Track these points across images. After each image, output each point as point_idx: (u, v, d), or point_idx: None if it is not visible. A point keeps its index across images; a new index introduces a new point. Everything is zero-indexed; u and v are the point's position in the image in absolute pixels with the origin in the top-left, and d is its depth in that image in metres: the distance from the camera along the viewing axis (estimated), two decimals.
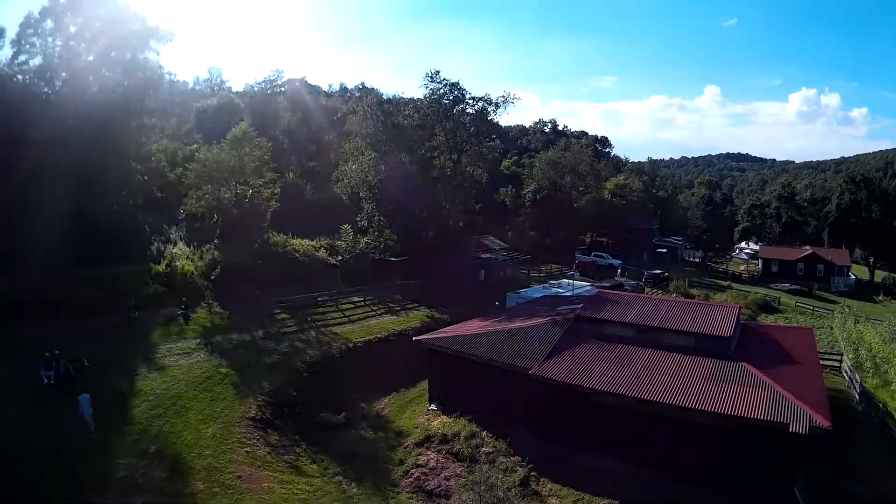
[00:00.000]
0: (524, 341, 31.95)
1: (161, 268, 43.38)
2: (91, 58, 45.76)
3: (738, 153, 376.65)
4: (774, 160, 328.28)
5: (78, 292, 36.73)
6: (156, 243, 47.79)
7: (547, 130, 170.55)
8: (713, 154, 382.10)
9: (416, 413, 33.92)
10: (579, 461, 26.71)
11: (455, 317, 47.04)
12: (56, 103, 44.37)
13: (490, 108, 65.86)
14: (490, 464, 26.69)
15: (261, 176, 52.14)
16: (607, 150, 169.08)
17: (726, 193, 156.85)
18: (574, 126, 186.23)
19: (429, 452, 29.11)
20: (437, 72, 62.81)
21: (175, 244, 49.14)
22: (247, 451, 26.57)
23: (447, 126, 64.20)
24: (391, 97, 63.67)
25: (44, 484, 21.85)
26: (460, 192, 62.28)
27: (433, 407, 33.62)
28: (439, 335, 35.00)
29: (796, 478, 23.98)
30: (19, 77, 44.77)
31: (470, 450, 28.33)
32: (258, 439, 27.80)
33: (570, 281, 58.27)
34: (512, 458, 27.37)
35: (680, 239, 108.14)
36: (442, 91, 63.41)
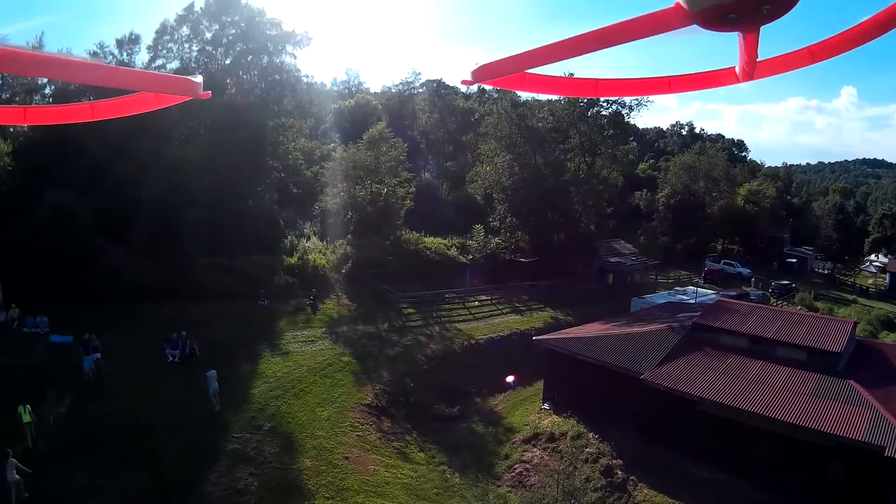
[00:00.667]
0: (640, 346, 30.73)
1: (293, 260, 44.40)
2: (228, 62, 48.07)
3: (874, 159, 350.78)
4: None
5: (213, 279, 38.39)
6: (290, 237, 49.22)
7: (684, 133, 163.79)
8: (849, 160, 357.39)
9: (529, 411, 32.94)
10: (680, 469, 25.66)
11: (579, 319, 45.73)
12: (194, 104, 46.03)
13: (624, 111, 64.07)
14: (592, 465, 25.58)
15: (396, 175, 52.87)
16: (743, 153, 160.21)
17: (860, 202, 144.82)
18: (711, 129, 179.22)
19: (534, 449, 28.23)
20: (572, 74, 61.14)
21: (308, 238, 50.40)
22: (358, 435, 26.51)
23: (581, 128, 62.92)
24: (526, 100, 62.66)
25: (163, 450, 22.57)
26: (593, 195, 60.57)
27: (546, 406, 32.59)
28: (558, 336, 34.08)
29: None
30: None
31: (574, 449, 27.34)
32: (371, 425, 27.73)
33: (695, 288, 55.35)
34: (614, 461, 26.26)
35: (810, 249, 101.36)
36: None
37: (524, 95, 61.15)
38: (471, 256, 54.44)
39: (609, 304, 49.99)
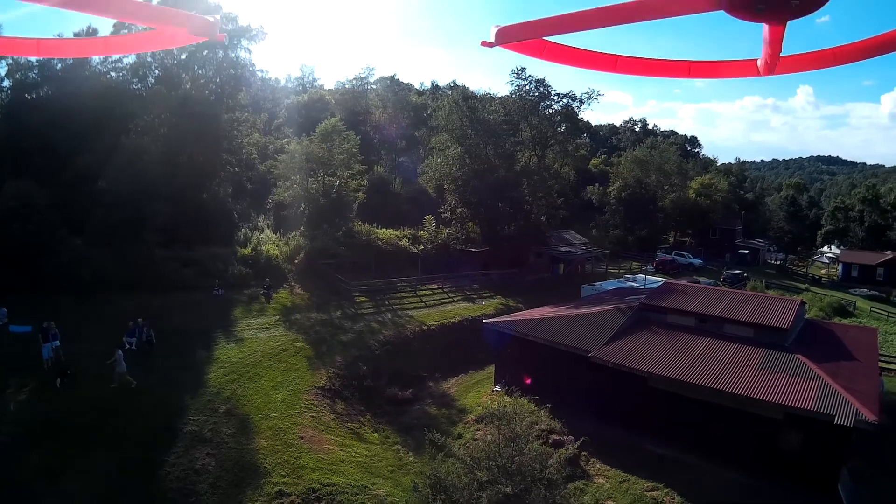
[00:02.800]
0: (588, 327, 31.78)
1: (247, 251, 45.05)
2: (184, 56, 48.49)
3: (829, 156, 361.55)
4: (865, 164, 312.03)
5: (172, 271, 39.17)
6: (244, 229, 49.75)
7: (637, 129, 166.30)
8: (804, 157, 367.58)
9: (481, 394, 34.06)
10: (633, 445, 26.39)
11: (530, 306, 46.49)
12: (149, 98, 47.62)
13: (574, 105, 65.70)
14: (542, 440, 26.67)
15: (349, 168, 53.66)
16: (696, 150, 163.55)
17: (813, 197, 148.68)
18: (667, 126, 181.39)
19: (486, 428, 29.19)
20: (523, 69, 63.07)
21: (262, 231, 50.96)
22: (312, 416, 27.36)
23: (532, 122, 64.31)
24: (476, 93, 64.10)
25: (122, 433, 23.31)
26: (543, 187, 62.08)
27: (498, 388, 33.68)
28: (507, 319, 35.33)
29: (841, 472, 23.20)
30: (112, 74, 48.62)
31: (525, 427, 28.28)
32: (325, 407, 28.61)
33: (644, 276, 57.31)
34: (566, 437, 27.16)
35: (762, 241, 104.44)
36: (528, 87, 63.68)
37: (478, 88, 62.28)
38: (422, 247, 55.60)
39: (560, 292, 51.23)
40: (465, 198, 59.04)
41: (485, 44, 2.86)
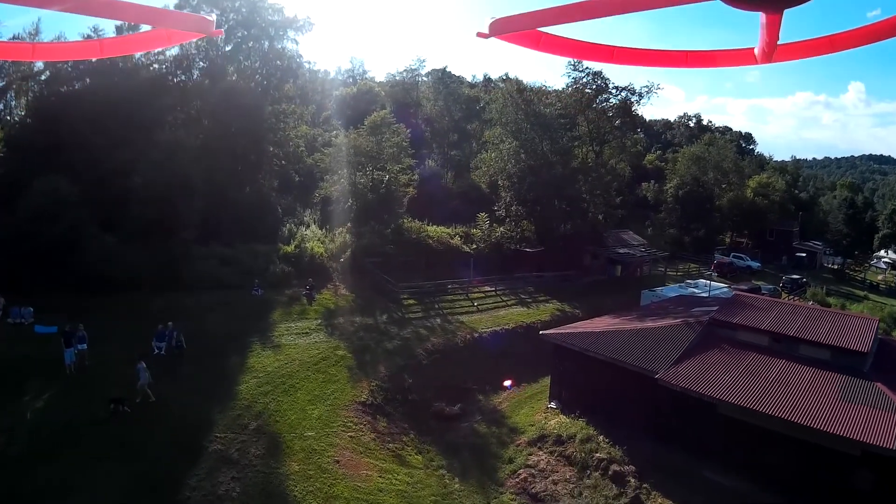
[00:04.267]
0: (654, 343, 28.99)
1: (290, 248, 42.87)
2: (229, 48, 47.48)
3: (881, 155, 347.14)
4: None
5: (207, 268, 37.19)
6: (288, 224, 47.73)
7: (691, 125, 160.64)
8: (856, 155, 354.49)
9: (535, 410, 31.29)
10: (696, 474, 24.05)
11: (587, 313, 44.31)
12: (190, 90, 46.82)
13: (633, 98, 62.09)
14: (602, 472, 23.91)
15: (398, 162, 51.46)
16: (751, 147, 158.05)
17: (868, 197, 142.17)
18: (720, 122, 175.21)
19: (540, 453, 26.43)
20: (580, 61, 59.81)
21: (308, 226, 48.90)
22: (350, 436, 24.85)
23: (589, 116, 61.25)
24: (532, 85, 61.01)
25: (142, 447, 21.21)
26: (601, 185, 58.85)
27: (553, 405, 30.97)
28: (566, 330, 32.29)
29: None
30: (155, 66, 47.19)
31: (583, 454, 25.53)
32: (365, 425, 26.07)
33: (707, 281, 53.72)
34: (626, 467, 24.44)
35: (819, 244, 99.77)
36: (585, 80, 60.40)
37: (531, 80, 59.58)
38: (475, 246, 52.72)
39: (618, 296, 48.44)
40: (521, 195, 56.08)
41: (480, 35, 2.95)
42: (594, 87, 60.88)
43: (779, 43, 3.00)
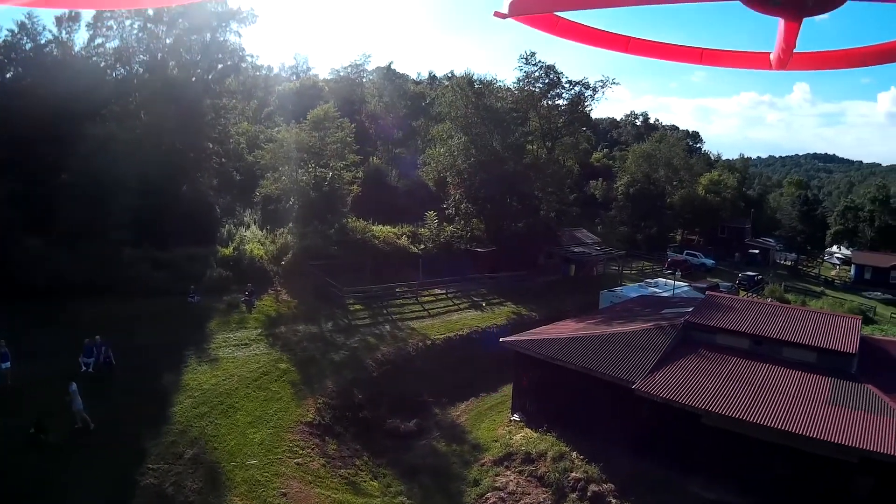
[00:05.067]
0: (626, 349, 27.48)
1: (228, 251, 40.29)
2: (170, 41, 45.18)
3: (826, 154, 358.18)
4: (861, 162, 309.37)
5: (139, 273, 34.44)
6: (227, 225, 45.17)
7: (638, 123, 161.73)
8: (800, 154, 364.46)
9: (497, 423, 29.54)
10: (682, 489, 22.80)
11: (545, 314, 43.27)
12: (126, 83, 44.59)
13: (587, 93, 60.74)
14: (579, 493, 22.22)
15: (342, 158, 48.88)
16: (699, 145, 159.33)
17: (815, 194, 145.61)
18: (665, 121, 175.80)
19: (508, 473, 24.57)
20: (533, 53, 58.58)
21: (248, 227, 46.38)
22: (297, 463, 22.63)
23: (541, 111, 59.72)
24: (482, 78, 59.22)
25: (62, 485, 18.83)
26: (554, 182, 57.40)
27: (516, 417, 29.30)
28: (529, 337, 30.41)
29: None
30: (94, 59, 44.61)
31: (557, 474, 23.72)
32: (313, 448, 23.84)
33: (666, 280, 52.79)
34: (605, 486, 22.83)
35: (771, 240, 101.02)
36: (537, 74, 58.91)
37: (482, 73, 57.93)
38: (423, 246, 50.62)
39: (575, 297, 47.58)
40: (471, 192, 54.24)
41: (497, 14, 3.09)
42: (547, 81, 59.42)
43: (795, 51, 3.14)
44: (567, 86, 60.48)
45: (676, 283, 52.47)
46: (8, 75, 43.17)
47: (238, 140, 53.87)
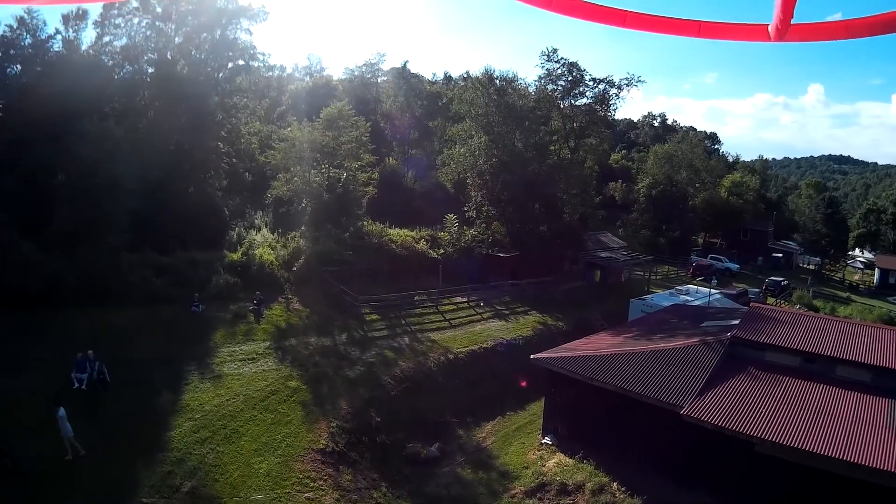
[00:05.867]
0: (670, 368, 24.94)
1: (236, 256, 37.88)
2: (179, 39, 43.81)
3: (840, 155, 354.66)
4: (876, 164, 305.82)
5: (139, 280, 32.11)
6: (237, 228, 42.98)
7: (656, 124, 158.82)
8: (815, 156, 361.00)
9: (527, 446, 26.92)
10: None
11: (571, 324, 41.09)
12: (138, 81, 43.33)
13: (612, 91, 57.73)
14: None
15: (357, 158, 46.68)
16: (716, 146, 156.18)
17: (835, 196, 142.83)
18: (681, 123, 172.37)
19: None
20: (555, 50, 55.58)
21: (259, 230, 44.09)
22: (308, 498, 20.06)
23: (564, 110, 57.07)
24: (504, 74, 56.52)
25: None
26: (579, 183, 54.72)
27: (547, 440, 26.67)
28: (563, 354, 27.71)
29: None
30: (102, 57, 43.22)
31: None
32: (326, 480, 21.23)
33: (698, 288, 49.92)
34: None
35: (792, 243, 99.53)
36: (559, 71, 56.12)
37: (503, 69, 55.55)
38: (442, 251, 47.95)
39: (602, 305, 45.24)
40: (494, 194, 51.57)
41: None
42: (569, 78, 56.68)
43: (793, 22, 3.15)
44: (591, 83, 57.66)
45: (708, 290, 49.78)
46: (6, 72, 41.39)
47: (249, 140, 51.72)
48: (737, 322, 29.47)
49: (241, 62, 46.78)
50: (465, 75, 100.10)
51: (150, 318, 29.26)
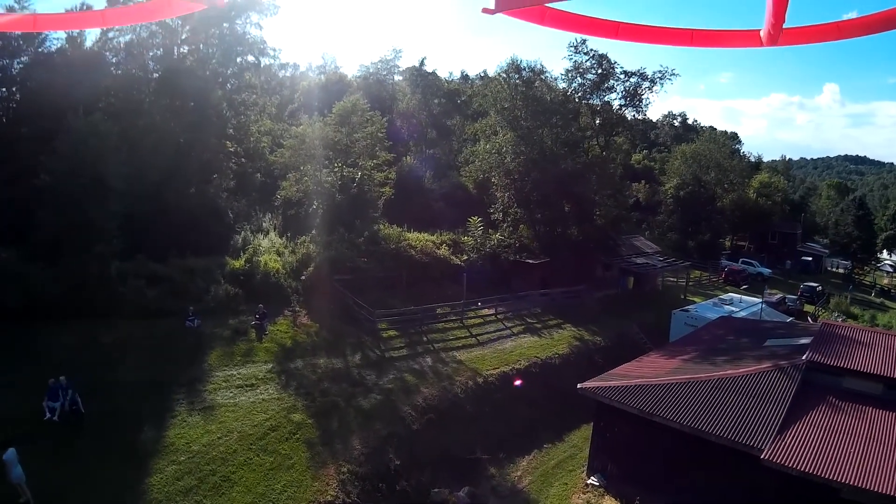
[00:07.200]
0: (741, 399, 21.40)
1: (238, 263, 34.12)
2: (185, 36, 42.05)
3: (857, 156, 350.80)
4: (893, 164, 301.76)
5: (131, 291, 28.68)
6: (242, 233, 39.29)
7: (676, 124, 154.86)
8: (831, 156, 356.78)
9: (570, 488, 23.25)
10: None
11: (610, 339, 37.42)
12: (139, 77, 41.30)
13: (645, 85, 53.56)
14: None
15: (373, 156, 43.18)
16: (737, 146, 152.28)
17: (860, 198, 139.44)
18: (700, 123, 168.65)
19: None
20: (584, 41, 51.33)
21: (267, 234, 40.59)
22: None
23: (593, 105, 53.29)
24: (531, 64, 52.65)
25: None
26: (611, 183, 50.79)
27: (594, 480, 23.06)
28: (615, 382, 23.69)
29: None
30: (107, 54, 41.91)
31: None
32: None
33: (742, 297, 45.99)
34: None
35: (817, 246, 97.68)
36: (588, 64, 52.09)
37: (531, 59, 51.97)
38: (466, 257, 44.13)
39: (640, 317, 41.93)
40: (522, 194, 47.70)
41: (486, 10, 3.21)
42: (599, 71, 52.68)
43: (785, 26, 3.21)
44: (622, 77, 53.62)
45: (744, 297, 45.96)
46: (14, 70, 38.74)
47: (259, 139, 48.31)
48: (805, 341, 25.97)
49: (250, 58, 44.51)
50: (483, 74, 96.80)
51: (139, 334, 25.97)
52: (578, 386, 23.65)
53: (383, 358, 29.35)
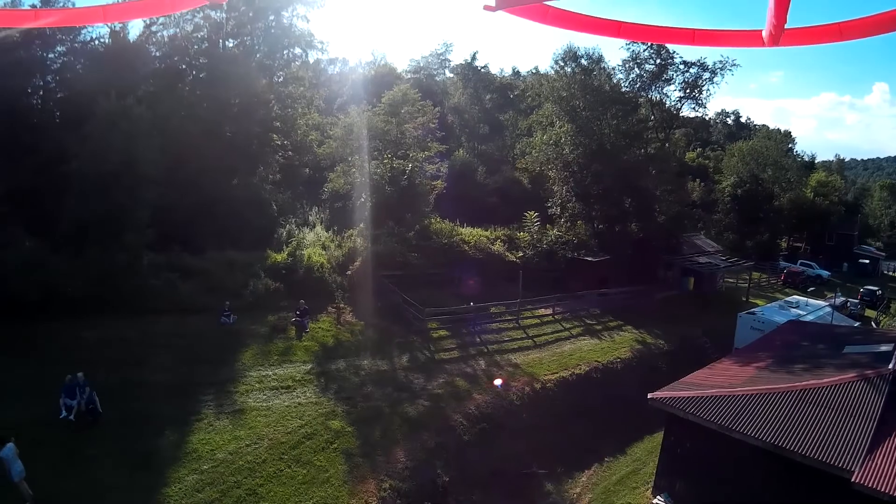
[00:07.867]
0: (826, 413, 18.87)
1: (280, 257, 32.36)
2: (230, 26, 41.88)
3: None
4: None
5: (163, 285, 27.19)
6: (287, 226, 37.75)
7: (730, 122, 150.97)
8: (881, 157, 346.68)
9: None
10: None
11: (673, 343, 34.96)
12: (181, 67, 41.14)
13: (705, 76, 50.64)
14: None
15: (424, 148, 41.37)
16: (790, 145, 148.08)
17: None
18: (754, 121, 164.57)
19: None
20: None
21: (313, 227, 39.16)
22: None
23: (652, 97, 50.85)
24: (589, 52, 50.28)
25: None
26: (673, 178, 48.01)
27: (660, 500, 20.48)
28: (687, 393, 21.01)
29: None
30: (150, 48, 41.24)
31: None
32: None
33: (808, 300, 43.08)
34: None
35: (873, 248, 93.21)
36: (647, 54, 49.46)
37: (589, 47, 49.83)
38: (521, 254, 41.81)
39: (704, 319, 39.75)
40: (582, 188, 45.21)
41: (487, 8, 3.14)
42: (658, 61, 49.96)
43: (787, 27, 3.11)
44: (681, 67, 50.80)
45: (810, 301, 42.80)
46: (57, 65, 37.78)
47: (306, 131, 46.93)
48: (887, 349, 23.43)
49: (297, 50, 44.71)
50: (535, 70, 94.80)
51: (169, 331, 24.35)
52: (649, 396, 21.02)
53: (433, 360, 27.10)
